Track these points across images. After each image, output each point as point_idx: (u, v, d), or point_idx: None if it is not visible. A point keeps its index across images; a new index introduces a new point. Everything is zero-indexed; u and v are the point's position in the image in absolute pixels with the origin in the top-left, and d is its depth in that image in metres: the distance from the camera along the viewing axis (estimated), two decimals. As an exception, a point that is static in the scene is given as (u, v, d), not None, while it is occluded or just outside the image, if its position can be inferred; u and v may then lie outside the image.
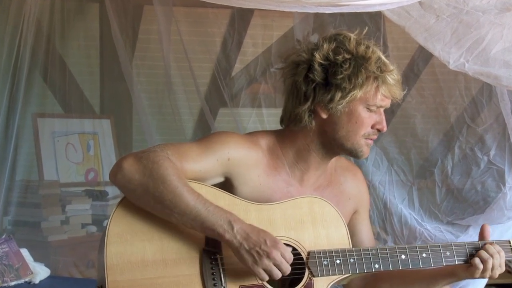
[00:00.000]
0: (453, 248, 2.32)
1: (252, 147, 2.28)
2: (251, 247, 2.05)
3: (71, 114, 4.98)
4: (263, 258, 2.05)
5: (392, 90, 2.24)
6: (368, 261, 2.24)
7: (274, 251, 2.06)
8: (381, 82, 2.22)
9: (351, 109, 2.23)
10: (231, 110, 4.66)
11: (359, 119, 2.24)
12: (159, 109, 4.98)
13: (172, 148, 2.16)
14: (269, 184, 2.29)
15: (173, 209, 2.07)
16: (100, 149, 5.10)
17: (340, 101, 2.20)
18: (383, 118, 2.28)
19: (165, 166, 2.08)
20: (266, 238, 2.07)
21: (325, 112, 2.24)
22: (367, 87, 2.21)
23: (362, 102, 2.23)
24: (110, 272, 2.05)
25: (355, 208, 2.49)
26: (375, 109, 2.25)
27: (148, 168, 2.07)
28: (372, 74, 2.20)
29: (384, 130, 2.29)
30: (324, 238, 2.25)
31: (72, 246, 4.63)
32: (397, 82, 2.25)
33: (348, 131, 2.24)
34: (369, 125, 2.26)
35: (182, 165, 2.14)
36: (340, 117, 2.24)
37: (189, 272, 2.11)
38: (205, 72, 4.84)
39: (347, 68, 2.18)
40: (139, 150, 2.15)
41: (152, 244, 2.10)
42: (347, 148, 2.27)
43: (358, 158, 2.32)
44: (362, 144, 2.27)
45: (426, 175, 4.45)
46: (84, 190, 4.93)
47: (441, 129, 4.45)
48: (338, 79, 2.19)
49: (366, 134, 2.26)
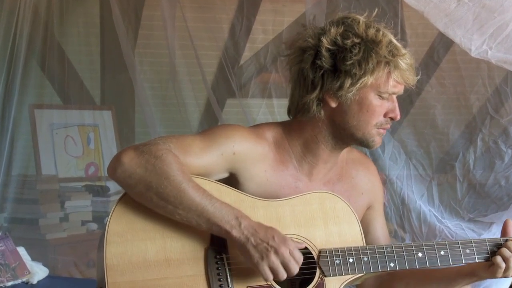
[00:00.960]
0: (473, 245, 2.31)
1: (258, 141, 2.29)
2: (258, 242, 2.06)
3: (70, 105, 5.00)
4: (271, 254, 2.05)
5: (405, 75, 2.23)
6: (383, 259, 2.24)
7: (283, 247, 2.06)
8: (393, 67, 2.21)
9: (362, 96, 2.23)
10: (240, 101, 4.67)
11: (371, 107, 2.23)
12: (163, 100, 5.00)
13: (175, 141, 2.16)
14: (277, 179, 2.30)
15: (177, 205, 2.08)
16: (101, 142, 5.13)
17: (350, 89, 2.20)
18: (396, 105, 2.27)
19: (168, 161, 2.08)
20: (275, 235, 2.08)
21: (334, 100, 2.24)
22: (378, 72, 2.20)
23: (373, 89, 2.22)
24: (110, 273, 2.06)
25: (368, 203, 2.49)
26: (387, 96, 2.24)
27: (150, 163, 2.08)
28: (383, 59, 2.19)
29: (398, 119, 2.28)
30: (336, 235, 2.25)
31: (72, 245, 4.66)
32: (410, 67, 2.24)
33: (359, 121, 2.24)
34: (381, 114, 2.25)
35: (185, 159, 2.14)
36: (350, 105, 2.23)
37: (193, 272, 2.11)
38: (212, 61, 4.85)
39: (356, 53, 2.18)
40: (139, 143, 2.15)
41: (154, 243, 2.11)
42: (357, 138, 2.27)
43: (369, 148, 2.32)
44: (373, 134, 2.26)
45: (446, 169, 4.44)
46: (84, 185, 4.96)
47: (462, 120, 4.44)
48: (347, 65, 2.18)
49: (378, 123, 2.25)
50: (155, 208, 2.10)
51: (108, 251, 2.07)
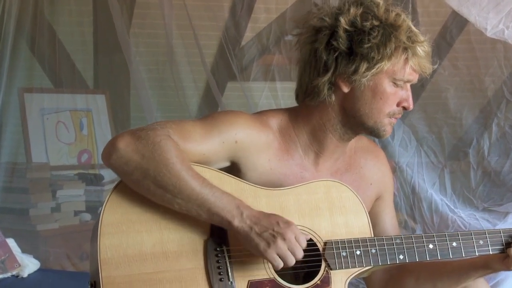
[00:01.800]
0: (487, 236, 2.31)
1: (262, 129, 2.28)
2: (262, 230, 2.07)
3: (61, 88, 4.99)
4: (278, 240, 2.06)
5: (422, 63, 2.24)
6: (392, 251, 2.24)
7: (289, 232, 2.07)
8: (411, 54, 2.21)
9: (376, 83, 2.23)
10: (241, 84, 4.67)
11: (384, 95, 2.23)
12: (160, 83, 4.99)
13: (174, 126, 2.16)
14: (281, 169, 2.30)
15: (176, 194, 2.08)
16: (95, 128, 5.13)
17: (365, 73, 2.19)
18: (410, 94, 2.28)
19: (167, 147, 2.08)
20: (278, 220, 2.09)
21: (347, 85, 2.23)
22: (396, 58, 2.20)
23: (388, 76, 2.22)
24: (104, 266, 2.06)
25: (377, 193, 2.49)
26: (402, 84, 2.25)
27: (148, 149, 2.07)
28: (402, 45, 2.20)
29: (411, 109, 2.29)
30: (342, 226, 2.25)
31: (64, 236, 4.67)
32: (427, 55, 2.25)
33: (371, 109, 2.24)
34: (395, 102, 2.25)
35: (185, 146, 2.14)
36: (363, 91, 2.23)
37: (192, 265, 2.12)
38: (211, 42, 4.85)
39: (375, 36, 2.18)
40: (136, 128, 2.14)
41: (150, 235, 2.10)
42: (368, 127, 2.27)
43: (380, 137, 2.32)
44: (385, 123, 2.27)
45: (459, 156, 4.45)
46: (76, 173, 4.96)
47: (476, 104, 4.44)
48: (365, 48, 2.18)
49: (391, 112, 2.26)
50: (152, 197, 2.10)
51: (102, 243, 2.07)
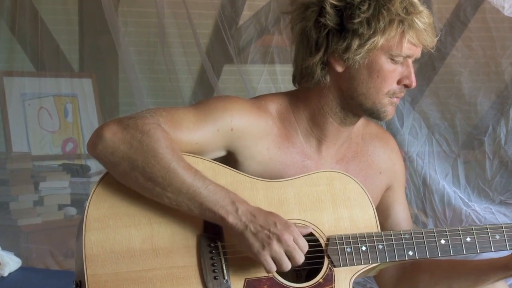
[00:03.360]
0: (504, 231, 2.31)
1: (260, 114, 2.29)
2: (258, 229, 2.07)
3: (44, 72, 5.00)
4: (273, 242, 2.06)
5: (422, 36, 2.22)
6: (401, 247, 2.24)
7: (286, 234, 2.07)
8: (408, 27, 2.20)
9: (372, 60, 2.22)
10: (238, 67, 4.66)
11: (382, 72, 2.23)
12: (151, 66, 5.00)
13: (165, 114, 2.17)
14: (281, 158, 2.30)
15: (166, 187, 2.08)
16: (80, 114, 5.13)
17: (358, 50, 2.19)
18: (412, 70, 2.26)
19: (156, 137, 2.09)
20: (276, 220, 2.09)
21: (341, 64, 2.23)
22: (391, 32, 2.19)
23: (384, 52, 2.22)
24: (90, 264, 2.06)
25: (387, 183, 2.49)
26: (401, 60, 2.24)
27: (136, 139, 2.08)
28: (396, 17, 2.18)
29: (413, 86, 2.27)
30: (346, 220, 2.26)
31: (47, 232, 4.68)
32: (428, 26, 2.22)
33: (368, 88, 2.24)
34: (394, 80, 2.24)
35: (176, 135, 2.14)
36: (358, 70, 2.23)
37: (185, 263, 2.12)
38: (206, 21, 4.84)
39: (365, 10, 2.17)
40: (124, 116, 2.15)
41: (139, 230, 2.11)
42: (367, 108, 2.27)
43: (381, 120, 2.31)
44: (385, 103, 2.26)
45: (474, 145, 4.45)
46: (61, 164, 4.97)
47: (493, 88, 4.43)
48: (355, 23, 2.18)
49: (391, 91, 2.25)
50: (141, 191, 2.11)
51: (87, 239, 2.08)
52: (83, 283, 2.06)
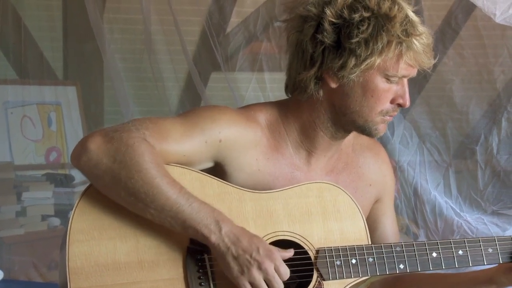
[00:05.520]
0: (497, 244, 2.33)
1: (249, 125, 2.29)
2: (239, 253, 2.07)
3: (27, 80, 4.98)
4: (253, 269, 2.07)
5: (419, 58, 2.23)
6: (391, 260, 2.25)
7: (267, 262, 2.08)
8: (406, 48, 2.20)
9: (367, 79, 2.23)
10: (226, 75, 4.67)
11: (376, 92, 2.24)
12: (137, 73, 4.99)
13: (151, 126, 2.17)
14: (270, 169, 2.30)
15: (149, 203, 2.08)
16: (64, 123, 5.12)
17: (353, 70, 2.20)
18: (406, 90, 2.27)
19: (141, 151, 2.08)
20: (259, 246, 2.09)
21: (335, 80, 2.24)
22: (388, 53, 2.19)
23: (380, 72, 2.22)
24: (74, 277, 2.06)
25: (377, 196, 2.50)
26: (397, 80, 2.25)
27: (120, 152, 2.08)
28: (395, 39, 2.18)
29: (407, 106, 2.28)
30: (336, 232, 2.26)
31: (30, 243, 4.67)
32: (426, 47, 2.23)
33: (362, 106, 2.25)
34: (388, 100, 2.25)
35: (162, 147, 2.14)
36: (352, 88, 2.24)
37: (171, 275, 2.12)
38: (193, 28, 4.84)
39: (364, 30, 2.17)
40: (109, 127, 2.15)
41: (125, 242, 2.11)
42: (359, 126, 2.28)
43: (372, 136, 2.33)
44: (377, 121, 2.27)
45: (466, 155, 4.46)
46: (44, 174, 4.96)
47: (485, 97, 4.45)
48: (353, 43, 2.18)
49: (384, 111, 2.26)
50: (123, 204, 2.11)
51: (71, 251, 2.07)
52: (67, 296, 2.05)
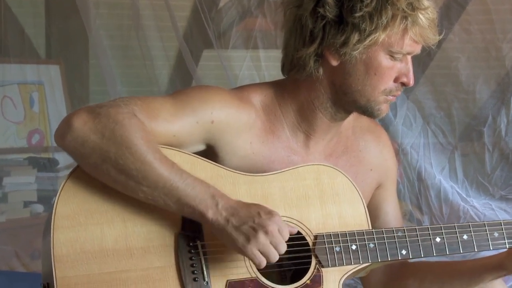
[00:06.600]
0: (503, 228, 2.34)
1: (243, 106, 2.29)
2: (241, 223, 2.07)
3: (8, 58, 4.98)
4: (259, 234, 2.05)
5: (425, 33, 2.24)
6: (393, 246, 2.26)
7: (272, 224, 2.07)
8: (411, 23, 2.21)
9: (370, 56, 2.23)
10: (219, 53, 4.66)
11: (379, 70, 2.24)
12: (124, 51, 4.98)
13: (140, 103, 2.17)
14: (265, 152, 2.31)
15: (140, 181, 2.08)
16: (47, 104, 5.12)
17: (357, 46, 2.20)
18: (411, 68, 2.28)
19: (131, 127, 2.08)
20: (259, 210, 2.09)
21: (336, 58, 2.24)
22: (393, 28, 2.20)
23: (384, 48, 2.23)
24: (59, 265, 2.06)
25: (378, 181, 2.51)
26: (401, 57, 2.26)
27: (108, 128, 2.07)
28: (400, 13, 2.19)
29: (411, 85, 2.29)
30: (335, 217, 2.27)
31: (12, 231, 4.67)
32: (431, 22, 2.24)
33: (364, 85, 2.25)
34: (392, 78, 2.26)
35: (152, 126, 2.14)
36: (355, 66, 2.24)
37: (161, 263, 2.12)
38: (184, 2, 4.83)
39: (368, 3, 2.18)
40: (95, 104, 2.14)
41: (113, 228, 2.11)
42: (361, 106, 2.29)
43: (374, 117, 2.34)
44: (380, 101, 2.28)
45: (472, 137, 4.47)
46: (26, 157, 4.96)
47: (492, 75, 4.45)
48: (356, 17, 2.18)
49: (387, 90, 2.27)
50: (113, 185, 2.11)
51: (56, 238, 2.07)
52: (51, 286, 2.06)
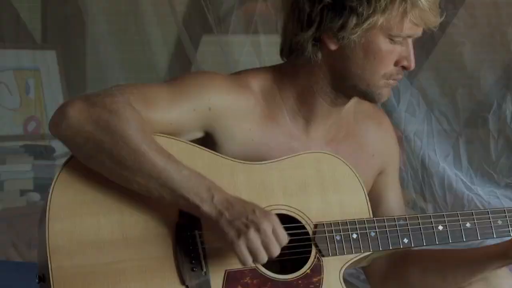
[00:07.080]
0: (507, 215, 2.34)
1: (242, 92, 2.29)
2: (234, 217, 2.06)
3: (3, 43, 4.98)
4: (250, 231, 2.05)
5: (425, 16, 2.22)
6: (395, 234, 2.26)
7: (265, 222, 2.06)
8: (411, 6, 2.19)
9: (369, 40, 2.22)
10: (218, 38, 4.66)
11: (379, 53, 2.23)
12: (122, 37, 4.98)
13: (136, 91, 2.17)
14: (265, 139, 2.31)
15: (135, 172, 2.08)
16: (43, 90, 5.12)
17: (354, 30, 2.19)
18: (411, 51, 2.27)
19: (126, 116, 2.09)
20: (255, 208, 2.09)
21: (334, 42, 2.24)
22: (392, 11, 2.19)
23: (383, 32, 2.22)
24: (54, 256, 2.06)
25: (380, 167, 2.51)
26: (401, 40, 2.25)
27: (103, 118, 2.08)
28: None
29: (412, 68, 2.28)
30: (335, 205, 2.27)
31: (9, 220, 4.68)
32: (432, 5, 2.22)
33: (364, 70, 2.25)
34: (392, 62, 2.25)
35: (148, 114, 2.15)
36: (353, 50, 2.24)
37: (159, 253, 2.13)
38: (183, -14, 4.84)
39: None
40: (91, 93, 2.15)
41: (109, 218, 2.11)
42: (361, 90, 2.28)
43: (374, 102, 2.34)
44: (380, 85, 2.27)
45: (477, 123, 4.47)
46: (22, 145, 4.96)
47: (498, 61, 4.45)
48: (354, 0, 2.18)
49: (387, 74, 2.26)
50: (108, 175, 2.11)
51: (51, 228, 2.08)
52: (47, 276, 2.07)
